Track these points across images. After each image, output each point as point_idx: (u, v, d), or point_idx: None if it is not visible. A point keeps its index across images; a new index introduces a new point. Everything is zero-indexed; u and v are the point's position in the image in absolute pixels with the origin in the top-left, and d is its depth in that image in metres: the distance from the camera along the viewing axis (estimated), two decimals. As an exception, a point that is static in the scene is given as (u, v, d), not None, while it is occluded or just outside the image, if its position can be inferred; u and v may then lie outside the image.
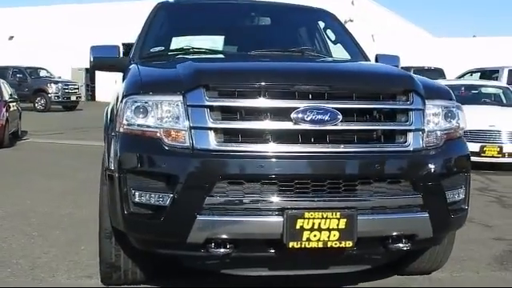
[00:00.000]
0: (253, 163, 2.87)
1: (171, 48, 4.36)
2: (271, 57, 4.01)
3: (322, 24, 4.97)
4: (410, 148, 3.04)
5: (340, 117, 2.93)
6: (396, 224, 2.99)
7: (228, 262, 3.13)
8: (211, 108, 2.91)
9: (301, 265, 3.22)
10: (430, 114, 3.15)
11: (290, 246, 2.83)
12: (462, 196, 3.20)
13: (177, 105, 2.95)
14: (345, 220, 2.85)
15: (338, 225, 2.84)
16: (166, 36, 4.54)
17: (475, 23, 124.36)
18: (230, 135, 2.91)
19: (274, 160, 2.88)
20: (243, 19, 4.83)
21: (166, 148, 2.92)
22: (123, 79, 3.94)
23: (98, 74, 36.23)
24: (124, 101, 3.07)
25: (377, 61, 4.42)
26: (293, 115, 2.90)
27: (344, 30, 4.87)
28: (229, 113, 2.93)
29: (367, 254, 3.24)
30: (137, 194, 2.93)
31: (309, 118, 2.90)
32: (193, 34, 4.62)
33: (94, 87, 34.32)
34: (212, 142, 2.88)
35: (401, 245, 3.04)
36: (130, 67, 3.89)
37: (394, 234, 3.00)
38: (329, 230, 2.84)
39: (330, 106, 2.94)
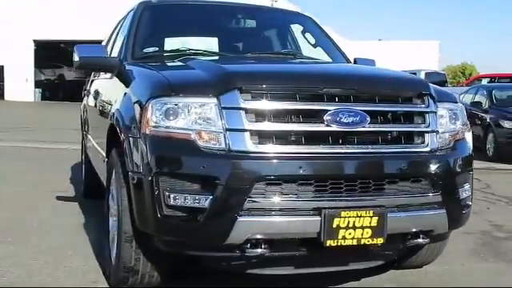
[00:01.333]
0: (290, 164, 2.93)
1: (165, 49, 4.33)
2: (269, 59, 4.09)
3: (301, 28, 5.10)
4: (428, 148, 3.21)
5: (368, 119, 3.06)
6: (418, 221, 3.15)
7: (254, 262, 3.17)
8: (246, 110, 2.94)
9: (325, 262, 3.31)
10: (440, 116, 3.34)
11: (328, 245, 2.92)
12: (469, 193, 3.41)
13: (211, 107, 2.96)
14: (377, 218, 2.97)
15: (370, 223, 2.97)
16: (156, 37, 4.51)
17: (382, 28, 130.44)
18: (265, 137, 2.95)
19: (309, 161, 2.96)
20: (230, 21, 4.87)
21: (203, 150, 2.92)
22: (122, 80, 3.90)
23: (8, 72, 34.90)
24: (151, 102, 3.04)
25: (355, 63, 4.62)
26: (325, 117, 3.00)
27: (324, 34, 5.03)
28: (263, 115, 2.97)
29: (384, 250, 3.39)
30: (172, 196, 2.91)
31: (340, 120, 3.00)
32: (183, 35, 4.60)
33: (3, 85, 32.79)
34: (248, 143, 2.91)
35: (420, 240, 3.21)
36: (132, 68, 3.86)
37: (415, 230, 3.17)
38: (362, 227, 2.96)
39: (358, 108, 3.06)
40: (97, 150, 4.74)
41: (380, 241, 3.02)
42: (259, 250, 2.94)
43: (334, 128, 3.01)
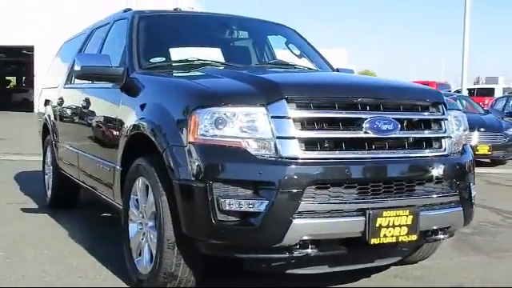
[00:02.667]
0: (337, 169, 3.14)
1: (173, 59, 4.41)
2: (287, 69, 4.34)
3: (285, 39, 5.34)
4: (446, 152, 3.53)
5: (399, 126, 3.33)
6: (441, 218, 3.45)
7: (293, 262, 3.35)
8: (294, 119, 3.12)
9: (354, 260, 3.53)
10: (450, 123, 3.67)
11: (372, 243, 3.16)
12: (475, 192, 3.77)
13: (260, 116, 3.11)
14: (412, 217, 3.24)
15: (406, 221, 3.23)
16: (160, 47, 4.57)
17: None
18: (311, 143, 3.15)
19: (352, 165, 3.18)
20: (225, 32, 5.02)
21: (256, 157, 3.07)
22: (136, 90, 3.97)
23: None
24: (199, 112, 3.15)
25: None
26: (364, 125, 3.24)
27: (308, 44, 5.29)
28: (308, 123, 3.16)
29: (404, 247, 3.66)
30: (226, 201, 3.04)
31: (377, 127, 3.25)
32: (182, 46, 4.68)
33: None
34: (297, 150, 3.09)
35: (440, 236, 3.51)
36: (149, 78, 3.97)
37: (438, 227, 3.47)
38: (400, 226, 3.22)
39: (390, 116, 3.33)
40: (93, 159, 4.71)
41: (414, 238, 3.29)
42: (308, 250, 3.12)
43: (371, 135, 3.25)
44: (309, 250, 3.13)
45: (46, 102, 6.83)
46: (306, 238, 3.09)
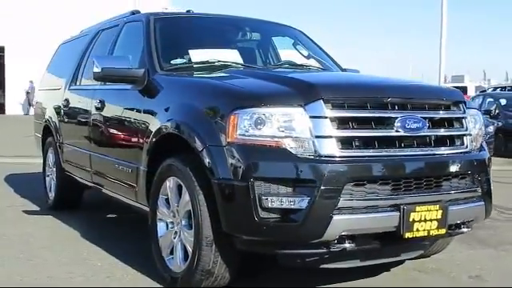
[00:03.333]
0: (372, 166, 3.27)
1: (193, 61, 4.48)
2: (293, 70, 4.44)
3: (292, 40, 5.47)
4: (468, 149, 3.69)
5: (427, 124, 3.48)
6: (466, 212, 3.61)
7: (326, 257, 3.46)
8: (331, 118, 3.24)
9: (383, 254, 3.66)
10: (470, 121, 3.83)
11: (406, 237, 3.29)
12: (492, 186, 3.93)
13: (298, 116, 3.22)
14: (441, 211, 3.39)
15: (436, 215, 3.38)
16: (178, 49, 4.65)
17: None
18: (347, 142, 3.26)
19: (386, 162, 3.31)
20: (238, 33, 5.11)
21: (296, 156, 3.17)
22: (160, 91, 4.04)
23: None
24: (238, 113, 3.24)
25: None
26: (395, 123, 3.37)
27: (316, 45, 5.43)
28: (344, 122, 3.28)
29: (427, 241, 3.81)
30: (269, 199, 3.13)
31: (407, 126, 3.39)
32: (202, 47, 4.75)
33: None
34: (335, 148, 3.21)
35: (464, 229, 3.67)
36: (177, 79, 4.05)
37: (462, 220, 3.63)
38: (431, 220, 3.36)
39: (418, 115, 3.47)
40: (110, 161, 4.74)
41: (443, 231, 3.44)
42: (346, 245, 3.24)
43: (402, 133, 3.39)
44: (346, 245, 3.25)
45: (46, 104, 6.82)
46: (344, 233, 3.20)
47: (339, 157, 3.21)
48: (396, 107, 3.46)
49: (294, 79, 3.57)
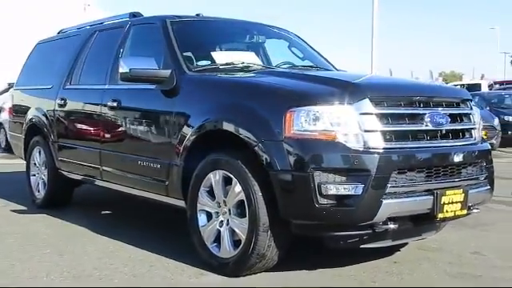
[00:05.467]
0: (412, 156, 3.75)
1: (217, 62, 4.78)
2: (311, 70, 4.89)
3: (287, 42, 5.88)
4: (476, 141, 4.25)
5: (449, 119, 3.99)
6: (479, 195, 4.15)
7: (365, 238, 3.90)
8: (376, 114, 3.68)
9: (409, 234, 4.14)
10: (475, 117, 4.39)
11: (439, 217, 3.80)
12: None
13: (349, 113, 3.63)
14: (463, 195, 3.92)
15: (460, 198, 3.90)
16: (200, 51, 4.93)
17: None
18: (389, 135, 3.71)
19: (421, 153, 3.80)
20: (245, 36, 5.45)
21: (350, 148, 3.58)
22: (180, 91, 4.34)
23: None
24: (294, 110, 3.62)
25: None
26: (425, 119, 3.86)
27: (309, 46, 5.87)
28: (385, 118, 3.73)
29: (441, 222, 4.33)
30: (327, 187, 3.53)
31: (435, 121, 3.89)
32: (221, 50, 5.04)
33: None
34: (380, 141, 3.66)
35: (475, 210, 4.23)
36: (215, 79, 4.34)
37: (475, 202, 4.18)
38: (456, 202, 3.88)
39: (442, 111, 3.98)
40: (131, 158, 4.93)
41: (464, 212, 3.98)
42: (391, 226, 3.71)
43: (430, 127, 3.89)
44: (391, 226, 3.70)
45: (30, 103, 6.82)
46: (391, 215, 3.66)
47: (383, 148, 3.65)
48: (421, 105, 3.95)
49: (341, 80, 3.99)
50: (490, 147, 4.41)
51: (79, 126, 5.84)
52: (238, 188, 3.89)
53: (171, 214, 5.79)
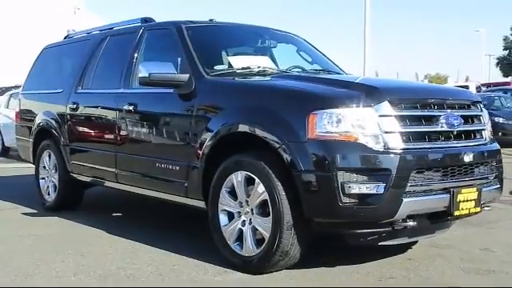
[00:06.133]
0: (429, 156, 3.91)
1: (234, 66, 4.91)
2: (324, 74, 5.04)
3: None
4: (487, 141, 4.42)
5: (462, 121, 4.16)
6: (491, 193, 4.32)
7: (383, 236, 4.05)
8: (395, 116, 3.83)
9: (424, 231, 4.30)
10: (485, 118, 4.56)
11: (455, 215, 3.96)
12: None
13: (370, 115, 3.78)
14: (477, 193, 4.08)
15: (474, 196, 4.06)
16: (218, 55, 5.06)
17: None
18: (407, 136, 3.86)
19: (437, 153, 3.97)
20: (258, 41, 5.59)
21: (371, 149, 3.73)
22: (200, 95, 4.49)
23: None
24: (316, 113, 3.77)
25: None
26: (440, 120, 4.02)
27: (317, 50, 6.03)
28: (404, 119, 3.88)
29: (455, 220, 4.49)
30: (351, 186, 3.68)
31: (450, 122, 4.05)
32: (235, 54, 5.18)
33: None
34: (400, 142, 3.81)
35: (486, 208, 4.39)
36: (235, 83, 4.47)
37: (487, 200, 4.34)
38: (471, 200, 4.04)
39: (455, 113, 4.14)
40: (149, 160, 5.04)
41: (478, 210, 4.14)
42: (410, 223, 3.86)
43: (446, 128, 4.05)
44: (410, 223, 3.86)
45: (39, 108, 6.90)
46: (410, 213, 3.81)
47: (402, 149, 3.80)
48: (436, 107, 4.11)
49: (361, 84, 4.15)
50: (499, 147, 4.57)
51: (92, 129, 5.94)
52: (261, 188, 4.02)
53: (180, 215, 5.92)
